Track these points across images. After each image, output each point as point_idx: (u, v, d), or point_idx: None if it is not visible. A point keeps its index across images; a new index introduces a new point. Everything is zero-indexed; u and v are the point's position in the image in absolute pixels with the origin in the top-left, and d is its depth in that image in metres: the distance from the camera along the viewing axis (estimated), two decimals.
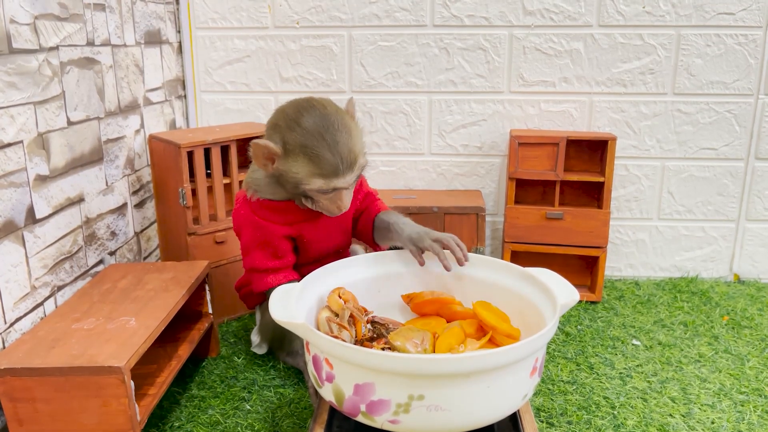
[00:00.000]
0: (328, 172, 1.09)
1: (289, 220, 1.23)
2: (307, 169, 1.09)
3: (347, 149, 1.09)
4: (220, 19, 1.80)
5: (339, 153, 1.08)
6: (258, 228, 1.23)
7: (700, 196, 1.81)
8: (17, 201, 1.09)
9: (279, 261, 1.24)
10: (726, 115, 1.75)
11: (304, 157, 1.09)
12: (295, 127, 1.09)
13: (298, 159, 1.09)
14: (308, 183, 1.11)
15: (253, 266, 1.25)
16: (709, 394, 1.26)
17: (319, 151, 1.08)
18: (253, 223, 1.23)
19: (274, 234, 1.22)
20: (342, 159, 1.08)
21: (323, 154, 1.08)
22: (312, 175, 1.09)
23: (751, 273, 1.86)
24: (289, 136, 1.09)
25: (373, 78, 1.81)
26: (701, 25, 1.69)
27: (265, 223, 1.22)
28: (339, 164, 1.08)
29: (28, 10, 1.12)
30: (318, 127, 1.08)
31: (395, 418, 0.84)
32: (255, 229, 1.23)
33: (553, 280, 1.02)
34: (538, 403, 1.23)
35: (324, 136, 1.08)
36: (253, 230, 1.23)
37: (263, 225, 1.22)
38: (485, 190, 1.87)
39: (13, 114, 1.08)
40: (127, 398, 0.97)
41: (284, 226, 1.23)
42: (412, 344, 0.96)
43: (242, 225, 1.25)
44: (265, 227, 1.22)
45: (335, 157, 1.08)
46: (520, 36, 1.75)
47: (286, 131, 1.10)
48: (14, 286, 1.08)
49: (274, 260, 1.24)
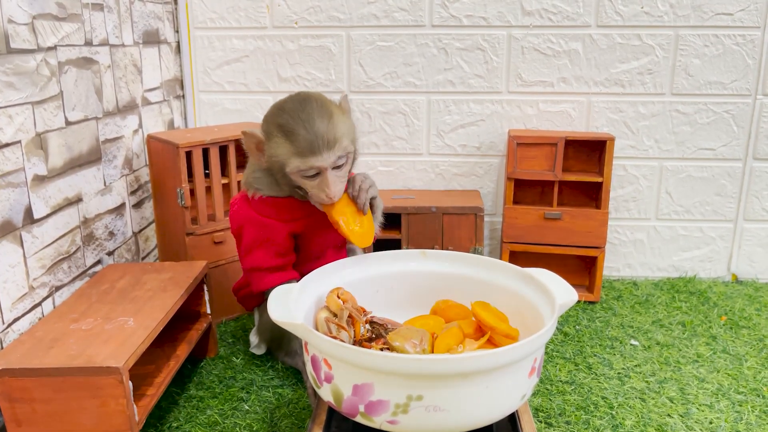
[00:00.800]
0: (303, 149, 1.09)
1: (292, 217, 1.23)
2: (285, 148, 1.10)
3: (324, 128, 1.09)
4: (218, 19, 1.79)
5: (314, 131, 1.08)
6: (261, 226, 1.23)
7: (698, 197, 1.81)
8: (15, 201, 1.09)
9: (281, 259, 1.24)
10: (724, 116, 1.75)
11: (280, 136, 1.11)
12: (276, 112, 1.13)
13: (276, 140, 1.11)
14: (288, 164, 1.11)
15: (255, 265, 1.25)
16: (707, 394, 1.26)
17: (294, 127, 1.09)
18: (255, 222, 1.23)
19: (277, 231, 1.22)
20: (317, 136, 1.08)
21: (298, 131, 1.09)
22: (290, 155, 1.10)
23: (749, 273, 1.86)
24: (271, 121, 1.13)
25: (371, 78, 1.81)
26: (699, 25, 1.69)
27: (269, 220, 1.22)
28: (314, 140, 1.08)
29: (26, 10, 1.12)
30: (296, 108, 1.10)
31: (394, 419, 0.84)
32: (258, 228, 1.23)
33: (551, 281, 1.02)
34: (537, 404, 1.23)
35: (300, 115, 1.09)
36: (255, 229, 1.23)
37: (267, 223, 1.22)
38: (484, 191, 1.87)
39: (11, 114, 1.08)
40: (126, 398, 0.97)
41: (288, 223, 1.23)
42: (411, 344, 0.96)
43: (243, 224, 1.25)
44: (268, 225, 1.22)
45: (310, 134, 1.08)
46: (519, 36, 1.75)
47: (270, 117, 1.14)
48: (12, 286, 1.08)
49: (276, 258, 1.24)
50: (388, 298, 1.16)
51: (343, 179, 1.15)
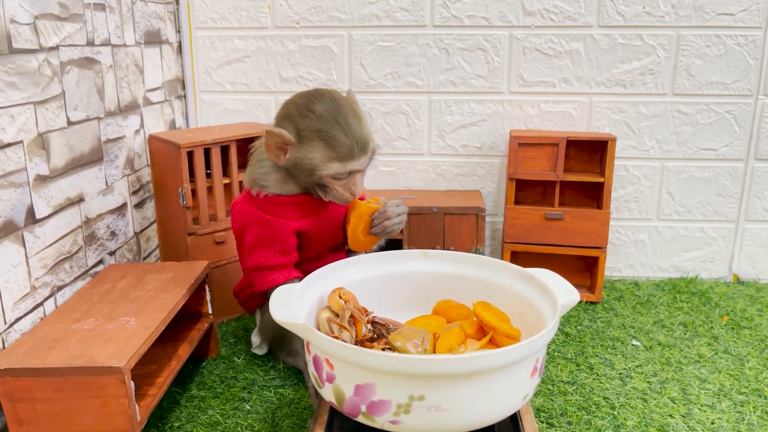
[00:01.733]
0: (344, 154, 1.11)
1: (298, 215, 1.23)
2: (324, 153, 1.11)
3: (360, 132, 1.12)
4: (219, 19, 1.80)
5: (353, 135, 1.11)
6: (265, 224, 1.22)
7: (699, 197, 1.81)
8: (17, 201, 1.09)
9: (285, 257, 1.24)
10: (725, 116, 1.75)
11: (319, 141, 1.11)
12: (308, 114, 1.12)
13: (313, 144, 1.11)
14: (325, 168, 1.12)
15: (258, 264, 1.24)
16: (708, 394, 1.26)
17: (335, 134, 1.10)
18: (259, 220, 1.22)
19: (282, 230, 1.22)
20: (356, 141, 1.12)
21: (339, 137, 1.10)
22: (328, 159, 1.12)
23: (751, 273, 1.86)
24: (303, 123, 1.12)
25: (372, 78, 1.81)
26: (701, 25, 1.69)
27: (274, 219, 1.22)
28: (354, 146, 1.11)
29: (28, 10, 1.12)
30: (331, 112, 1.11)
31: (396, 419, 0.84)
32: (262, 226, 1.22)
33: (553, 281, 1.02)
34: (538, 404, 1.23)
35: (338, 119, 1.10)
36: (259, 227, 1.22)
37: (272, 221, 1.22)
38: (485, 191, 1.87)
39: (13, 114, 1.08)
40: (127, 398, 0.97)
41: (293, 221, 1.23)
42: (413, 344, 0.96)
43: (247, 224, 1.24)
44: (273, 223, 1.22)
45: (350, 140, 1.11)
46: (520, 36, 1.75)
47: (299, 119, 1.12)
48: (14, 286, 1.08)
49: (280, 257, 1.24)
50: (390, 299, 1.16)
51: (364, 176, 1.20)
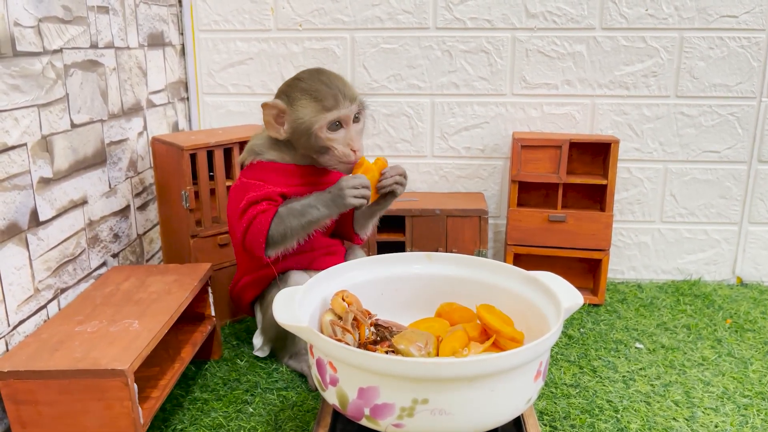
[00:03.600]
0: (329, 104, 1.19)
1: (288, 182, 1.26)
2: (312, 107, 1.20)
3: (342, 84, 1.22)
4: (222, 22, 1.80)
5: (335, 86, 1.21)
6: (249, 187, 1.25)
7: (702, 199, 1.81)
8: (21, 203, 1.09)
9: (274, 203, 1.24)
10: (729, 118, 1.75)
11: (306, 98, 1.20)
12: (294, 82, 1.24)
13: (302, 103, 1.21)
14: (316, 120, 1.19)
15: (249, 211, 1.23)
16: (712, 397, 1.26)
17: (318, 87, 1.20)
18: (246, 186, 1.25)
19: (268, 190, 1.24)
20: (339, 90, 1.20)
21: (321, 88, 1.20)
22: (316, 112, 1.20)
23: (754, 276, 1.86)
24: (291, 90, 1.23)
25: (375, 80, 1.81)
26: (704, 27, 1.69)
27: (261, 183, 1.25)
28: (337, 93, 1.20)
29: (32, 13, 1.12)
30: (313, 74, 1.23)
31: (399, 422, 0.84)
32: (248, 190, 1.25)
33: (557, 284, 1.02)
34: (541, 407, 1.23)
35: (320, 78, 1.22)
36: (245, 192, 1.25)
37: (259, 184, 1.25)
38: (488, 193, 1.87)
39: (17, 116, 1.08)
40: (131, 401, 0.97)
41: (280, 186, 1.25)
42: (416, 347, 0.96)
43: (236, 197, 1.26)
44: (259, 186, 1.24)
45: (332, 89, 1.20)
46: (523, 38, 1.75)
47: (288, 89, 1.24)
48: (18, 288, 1.08)
49: (268, 203, 1.24)
50: (393, 301, 1.15)
51: (362, 135, 1.27)
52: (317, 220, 1.21)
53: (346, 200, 1.19)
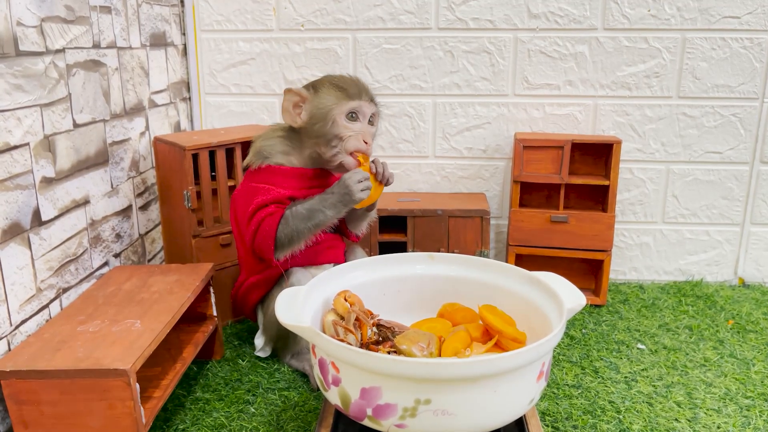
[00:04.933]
0: (353, 93, 1.26)
1: (294, 185, 1.28)
2: (336, 94, 1.26)
3: (366, 85, 1.30)
4: (224, 22, 1.80)
5: (360, 83, 1.29)
6: (258, 191, 1.27)
7: (704, 200, 1.81)
8: (23, 203, 1.09)
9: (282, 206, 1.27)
10: (731, 119, 1.75)
11: (331, 87, 1.27)
12: (322, 78, 1.32)
13: (326, 90, 1.27)
14: (338, 106, 1.25)
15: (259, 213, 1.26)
16: (714, 398, 1.26)
17: (344, 79, 1.29)
18: (254, 190, 1.27)
19: (276, 194, 1.26)
20: (362, 87, 1.28)
21: (346, 80, 1.29)
22: (339, 99, 1.25)
23: (756, 277, 1.86)
24: (318, 83, 1.30)
25: (377, 81, 1.81)
26: (706, 28, 1.69)
27: (269, 187, 1.27)
28: (361, 88, 1.28)
29: (34, 13, 1.12)
30: (339, 74, 1.32)
31: (402, 423, 0.84)
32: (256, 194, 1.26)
33: (559, 284, 1.02)
34: (543, 407, 1.22)
35: (344, 75, 1.31)
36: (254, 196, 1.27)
37: (267, 188, 1.27)
38: (489, 193, 1.87)
39: (19, 116, 1.08)
40: (133, 401, 0.97)
41: (288, 189, 1.27)
42: (418, 348, 0.96)
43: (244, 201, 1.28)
44: (268, 190, 1.26)
45: (358, 84, 1.28)
46: (525, 39, 1.75)
47: (315, 82, 1.31)
48: (20, 288, 1.08)
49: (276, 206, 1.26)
50: (395, 301, 1.15)
51: (374, 138, 1.31)
52: (324, 221, 1.25)
53: (354, 195, 1.22)
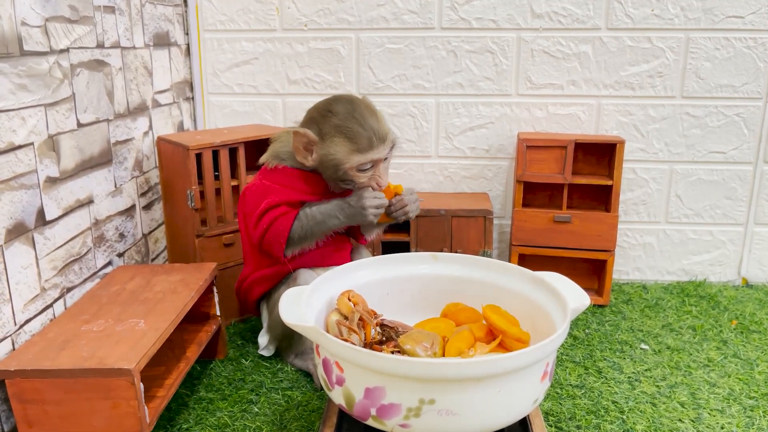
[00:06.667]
0: (363, 146, 1.20)
1: (307, 190, 1.28)
2: (345, 147, 1.20)
3: (376, 124, 1.22)
4: (228, 22, 1.80)
5: (370, 127, 1.21)
6: (270, 190, 1.27)
7: (708, 200, 1.80)
8: (27, 203, 1.10)
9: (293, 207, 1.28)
10: (734, 119, 1.74)
11: (340, 137, 1.21)
12: (327, 114, 1.23)
13: (335, 140, 1.21)
14: (348, 161, 1.21)
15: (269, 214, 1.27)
16: (718, 399, 1.26)
17: (352, 127, 1.20)
18: (267, 189, 1.28)
19: (290, 195, 1.27)
20: (373, 132, 1.21)
21: (356, 129, 1.20)
22: (350, 153, 1.20)
23: (759, 277, 1.85)
24: (324, 123, 1.22)
25: (380, 80, 1.81)
26: (710, 28, 1.69)
27: (282, 188, 1.27)
28: (372, 137, 1.20)
29: (39, 13, 1.12)
30: (348, 110, 1.22)
31: (406, 422, 0.84)
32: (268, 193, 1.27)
33: (563, 284, 1.02)
34: (547, 408, 1.22)
35: (354, 115, 1.21)
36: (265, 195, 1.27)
37: (280, 189, 1.27)
38: (492, 193, 1.87)
39: (24, 116, 1.08)
40: (137, 400, 0.98)
41: (300, 193, 1.28)
42: (422, 348, 0.96)
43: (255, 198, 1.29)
44: (280, 191, 1.27)
45: (367, 131, 1.20)
46: (528, 39, 1.74)
47: (320, 120, 1.23)
48: (24, 287, 1.09)
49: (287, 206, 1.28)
50: (399, 301, 1.15)
51: (388, 168, 1.29)
52: (335, 227, 1.27)
53: (367, 218, 1.25)
